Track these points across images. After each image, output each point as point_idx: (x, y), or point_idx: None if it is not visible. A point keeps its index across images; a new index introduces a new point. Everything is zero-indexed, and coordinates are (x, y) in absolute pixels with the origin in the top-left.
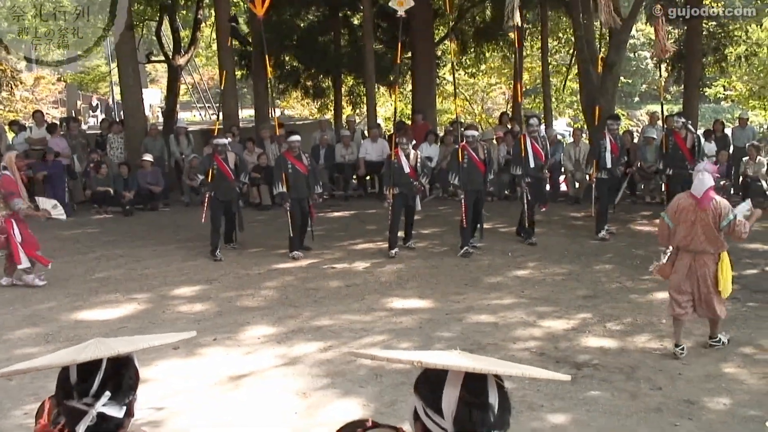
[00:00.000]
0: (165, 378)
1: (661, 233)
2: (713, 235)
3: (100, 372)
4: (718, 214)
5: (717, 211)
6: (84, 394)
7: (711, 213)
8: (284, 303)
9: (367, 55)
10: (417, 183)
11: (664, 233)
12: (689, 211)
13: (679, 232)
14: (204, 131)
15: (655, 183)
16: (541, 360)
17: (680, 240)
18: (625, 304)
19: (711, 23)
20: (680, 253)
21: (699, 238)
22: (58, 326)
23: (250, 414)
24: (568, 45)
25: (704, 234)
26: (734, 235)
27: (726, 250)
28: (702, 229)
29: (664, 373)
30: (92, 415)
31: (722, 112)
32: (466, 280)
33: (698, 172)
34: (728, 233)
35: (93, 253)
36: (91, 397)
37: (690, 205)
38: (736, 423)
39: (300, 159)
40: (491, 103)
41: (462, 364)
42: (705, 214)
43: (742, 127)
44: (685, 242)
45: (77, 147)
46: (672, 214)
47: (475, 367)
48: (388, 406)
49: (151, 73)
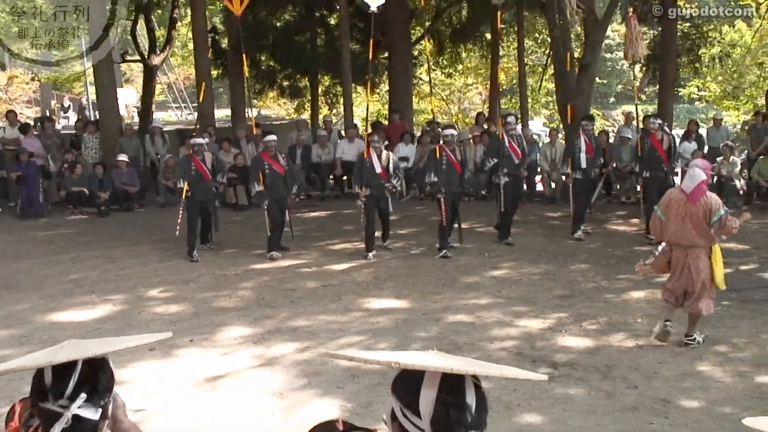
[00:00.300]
0: (141, 379)
1: (654, 227)
2: (704, 229)
3: (76, 373)
4: (709, 209)
5: (707, 207)
6: (59, 395)
7: (702, 208)
8: (261, 304)
9: (344, 54)
10: (389, 185)
11: (657, 227)
12: (680, 205)
13: (669, 227)
14: (180, 131)
15: (631, 183)
16: (518, 359)
17: (671, 234)
18: (601, 303)
19: (685, 24)
20: (673, 248)
21: (689, 233)
22: (33, 328)
23: (227, 415)
24: (544, 45)
25: (695, 228)
26: (725, 231)
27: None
28: (692, 223)
29: (640, 372)
30: (67, 417)
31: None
32: (443, 280)
33: (691, 168)
34: (719, 228)
35: (68, 254)
36: (67, 398)
37: (681, 200)
38: (711, 421)
39: (276, 159)
40: (468, 103)
41: (439, 365)
42: (695, 208)
43: (716, 128)
44: (675, 237)
45: (52, 147)
46: (664, 207)
47: (453, 368)
48: (365, 407)
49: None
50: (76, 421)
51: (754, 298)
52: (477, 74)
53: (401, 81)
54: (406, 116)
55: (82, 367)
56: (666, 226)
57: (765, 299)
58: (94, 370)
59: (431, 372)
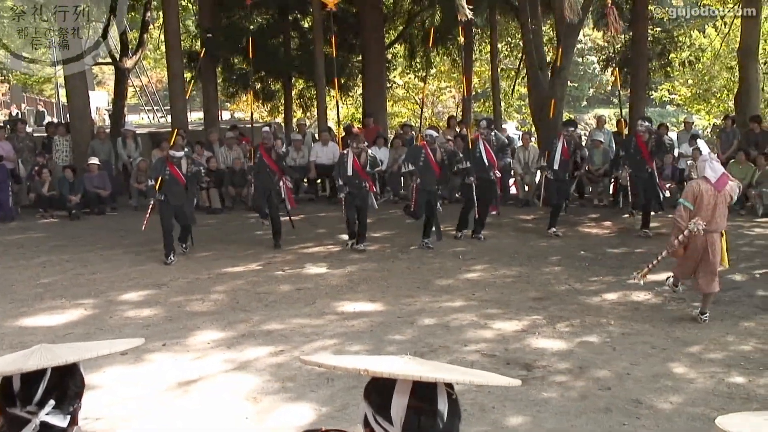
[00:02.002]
0: (113, 384)
1: (681, 219)
2: (726, 213)
3: (45, 380)
4: (730, 195)
5: (731, 192)
6: (27, 401)
7: (728, 194)
8: (234, 307)
9: (317, 58)
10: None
11: (685, 216)
12: (709, 195)
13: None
14: (152, 134)
15: (603, 186)
16: (492, 362)
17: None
18: (574, 305)
19: (656, 29)
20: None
21: (718, 219)
22: (2, 333)
23: (201, 420)
24: (517, 49)
25: (723, 214)
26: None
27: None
28: (721, 209)
29: (612, 373)
30: (35, 425)
31: (667, 115)
32: (417, 283)
33: (708, 161)
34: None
35: (38, 258)
36: (35, 405)
37: (709, 190)
38: (683, 421)
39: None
40: (442, 106)
41: (409, 372)
42: (722, 195)
43: (686, 131)
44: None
45: (24, 150)
46: (692, 199)
47: (422, 376)
48: (339, 410)
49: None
50: (45, 428)
51: (724, 300)
52: (450, 78)
53: (375, 84)
54: (379, 119)
55: (52, 373)
56: (693, 215)
57: (735, 301)
58: (64, 376)
59: (402, 380)
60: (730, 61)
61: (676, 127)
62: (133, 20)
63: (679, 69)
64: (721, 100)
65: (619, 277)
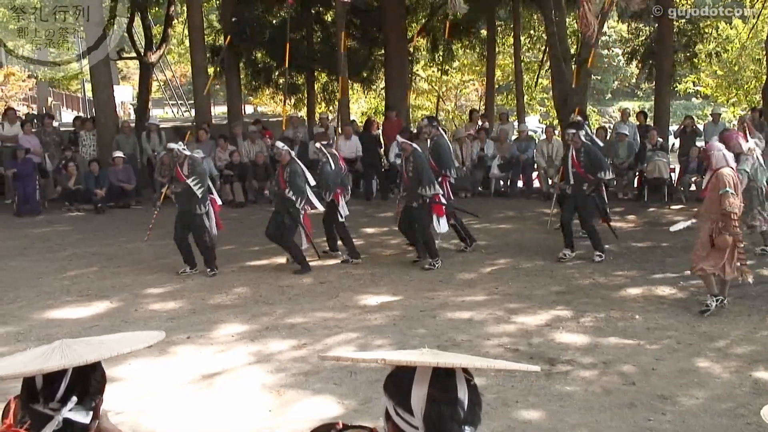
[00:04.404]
0: (138, 376)
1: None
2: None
3: (66, 377)
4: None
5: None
6: (50, 398)
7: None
8: (258, 300)
9: (339, 51)
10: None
11: (737, 204)
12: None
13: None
14: (176, 128)
15: (628, 179)
16: (515, 356)
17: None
18: (598, 299)
19: (681, 21)
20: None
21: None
22: (29, 325)
23: (224, 412)
24: (540, 42)
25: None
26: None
27: None
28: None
29: (637, 368)
30: (58, 421)
31: (693, 108)
32: (439, 277)
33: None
34: None
35: (64, 251)
36: (57, 402)
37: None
38: (709, 417)
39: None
40: (464, 99)
41: (426, 360)
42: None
43: (714, 123)
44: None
45: (50, 144)
46: (734, 188)
47: (439, 362)
48: (362, 404)
49: (123, 70)
50: (67, 424)
51: (750, 294)
52: (473, 71)
53: (397, 77)
54: (402, 113)
55: (73, 369)
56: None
57: (761, 295)
58: (86, 372)
59: (421, 369)
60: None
61: (703, 120)
62: (157, 15)
63: (706, 60)
64: (748, 93)
65: (644, 271)
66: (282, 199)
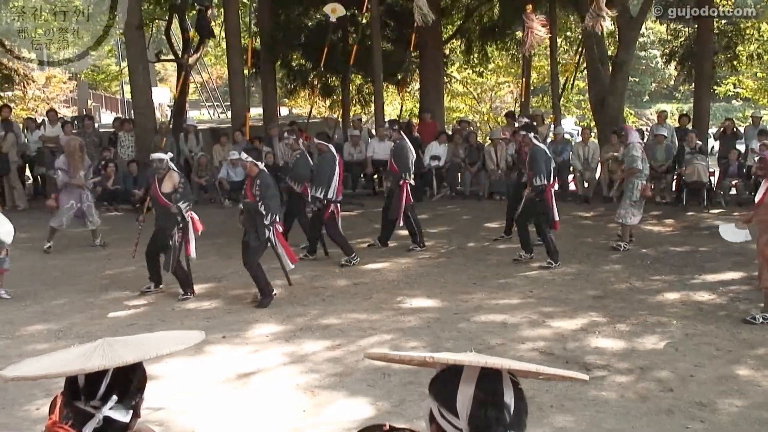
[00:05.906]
0: (173, 375)
1: None
2: None
3: (108, 376)
4: None
5: None
6: (91, 396)
7: None
8: (292, 301)
9: (375, 54)
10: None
11: None
12: None
13: None
14: (213, 129)
15: (666, 183)
16: (550, 360)
17: None
18: (634, 304)
19: (722, 21)
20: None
21: None
22: (70, 323)
23: (259, 412)
24: (576, 43)
25: None
26: None
27: None
28: None
29: (675, 374)
30: (99, 419)
31: (733, 111)
32: (474, 279)
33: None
34: None
35: (103, 250)
36: (98, 400)
37: None
38: (748, 425)
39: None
40: (500, 101)
41: (474, 360)
42: None
43: (754, 126)
44: None
45: (90, 145)
46: None
47: (487, 362)
48: (396, 405)
49: (161, 72)
50: (108, 423)
51: None
52: (508, 73)
53: (432, 80)
54: (437, 115)
55: (114, 369)
56: None
57: None
58: (126, 372)
59: (468, 371)
60: None
61: (743, 122)
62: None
63: (747, 62)
64: None
65: (682, 276)
66: (250, 215)
